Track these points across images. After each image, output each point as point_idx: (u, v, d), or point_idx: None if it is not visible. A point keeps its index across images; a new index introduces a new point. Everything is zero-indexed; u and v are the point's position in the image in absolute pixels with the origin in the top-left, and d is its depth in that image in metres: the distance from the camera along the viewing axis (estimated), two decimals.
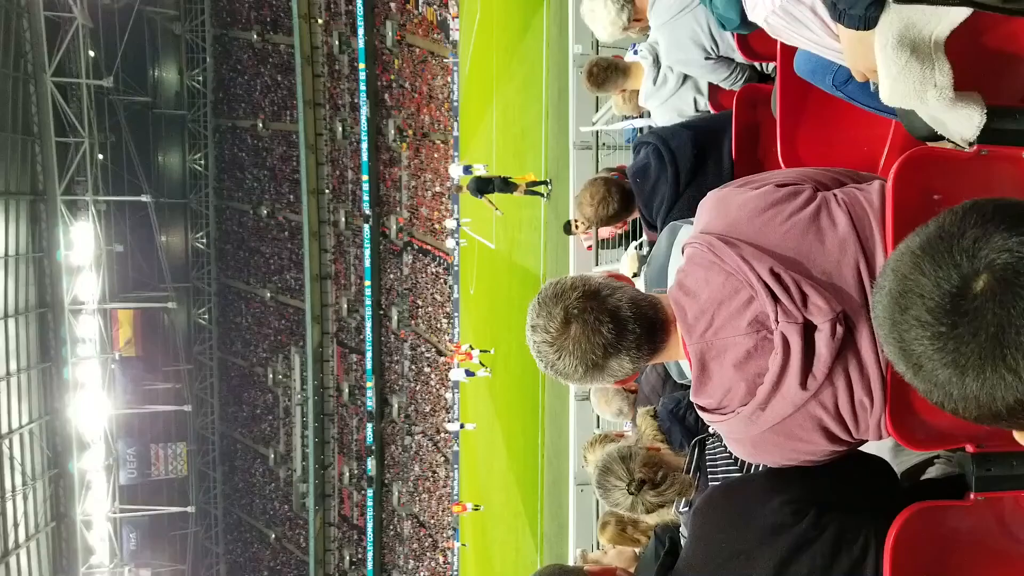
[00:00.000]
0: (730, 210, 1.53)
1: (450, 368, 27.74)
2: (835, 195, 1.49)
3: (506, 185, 16.62)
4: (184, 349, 46.49)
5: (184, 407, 44.32)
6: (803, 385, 1.36)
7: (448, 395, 33.08)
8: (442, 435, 33.44)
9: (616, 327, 1.44)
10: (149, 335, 45.97)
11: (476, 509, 28.85)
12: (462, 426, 30.38)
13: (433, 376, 34.72)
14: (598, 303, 1.45)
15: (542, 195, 17.86)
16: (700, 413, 1.54)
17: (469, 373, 26.00)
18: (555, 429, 17.49)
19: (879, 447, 1.69)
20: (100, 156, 38.22)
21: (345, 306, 39.59)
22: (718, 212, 1.55)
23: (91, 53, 32.69)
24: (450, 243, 30.45)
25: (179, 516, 44.14)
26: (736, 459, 2.21)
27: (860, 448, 1.54)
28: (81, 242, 30.44)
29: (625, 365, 1.47)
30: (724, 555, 1.48)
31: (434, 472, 34.89)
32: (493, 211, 17.49)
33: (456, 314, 32.04)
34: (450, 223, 29.11)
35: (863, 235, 1.42)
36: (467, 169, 25.63)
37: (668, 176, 2.99)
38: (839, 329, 1.34)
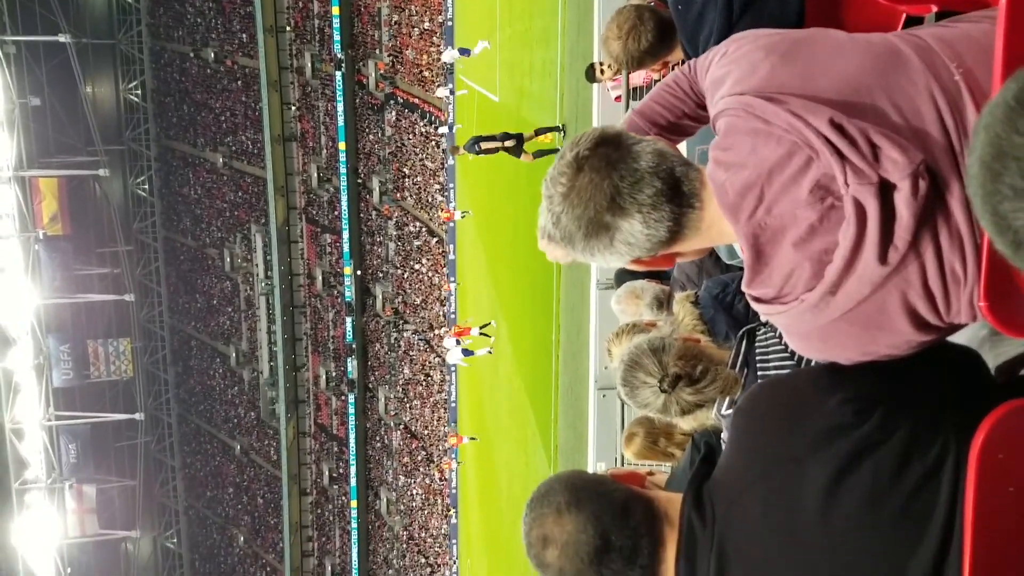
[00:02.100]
0: (757, 60, 1.51)
1: (448, 348, 28.47)
2: (895, 34, 1.47)
3: (515, 145, 17.46)
4: (122, 226, 46.75)
5: (125, 296, 45.03)
6: (882, 259, 1.34)
7: (444, 287, 33.45)
8: (436, 332, 34.04)
9: (631, 175, 1.43)
10: (78, 209, 46.11)
11: (473, 440, 30.10)
12: (458, 340, 30.91)
13: (424, 262, 35.01)
14: (614, 148, 1.45)
15: (559, 129, 18.62)
16: (755, 306, 1.53)
17: (468, 353, 26.99)
18: (572, 324, 17.78)
19: (972, 340, 1.69)
20: None
21: (315, 175, 39.44)
22: (743, 66, 1.53)
23: None
24: (442, 91, 30.02)
25: (126, 424, 45.80)
26: (792, 352, 2.24)
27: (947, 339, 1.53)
28: None
29: (637, 230, 1.44)
30: (770, 462, 1.50)
31: (427, 375, 35.77)
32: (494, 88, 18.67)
33: (452, 185, 31.98)
34: (448, 54, 28.67)
35: (937, 74, 1.39)
36: (464, 51, 25.71)
37: (718, 0, 2.88)
38: (922, 184, 1.31)
